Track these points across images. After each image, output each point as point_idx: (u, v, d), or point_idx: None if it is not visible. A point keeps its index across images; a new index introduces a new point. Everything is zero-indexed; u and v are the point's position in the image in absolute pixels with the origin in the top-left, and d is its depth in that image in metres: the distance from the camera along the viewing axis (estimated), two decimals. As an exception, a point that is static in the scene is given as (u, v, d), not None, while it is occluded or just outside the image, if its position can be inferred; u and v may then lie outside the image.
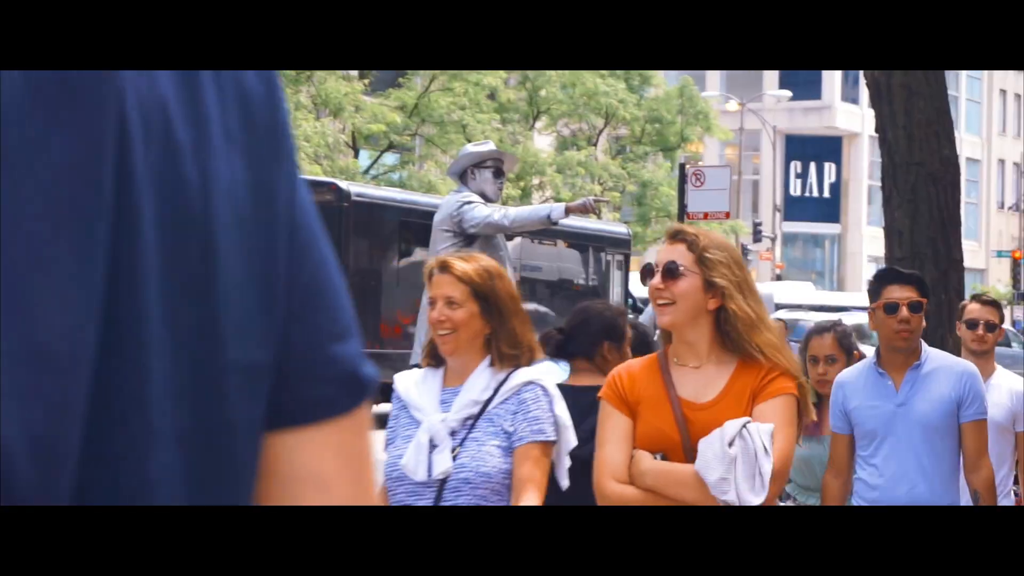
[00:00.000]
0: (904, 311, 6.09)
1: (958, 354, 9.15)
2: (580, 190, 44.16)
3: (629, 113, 46.46)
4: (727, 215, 23.61)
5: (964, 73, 77.18)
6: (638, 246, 45.25)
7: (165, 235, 1.04)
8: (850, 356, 6.84)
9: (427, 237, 10.12)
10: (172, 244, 1.05)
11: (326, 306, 1.24)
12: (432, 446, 4.44)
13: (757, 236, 54.52)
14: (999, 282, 73.15)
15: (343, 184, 22.52)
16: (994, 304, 7.26)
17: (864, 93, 10.71)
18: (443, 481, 4.41)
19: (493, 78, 40.69)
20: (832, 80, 70.28)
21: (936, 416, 5.87)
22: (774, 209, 62.69)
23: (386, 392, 18.24)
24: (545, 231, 22.12)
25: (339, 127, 37.98)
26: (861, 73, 10.21)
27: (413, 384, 4.67)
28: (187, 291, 1.06)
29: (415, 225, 21.35)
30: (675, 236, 4.45)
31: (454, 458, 4.42)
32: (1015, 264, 57.41)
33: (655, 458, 4.25)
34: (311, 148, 34.66)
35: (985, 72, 79.28)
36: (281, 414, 1.17)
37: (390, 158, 41.65)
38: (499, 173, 9.91)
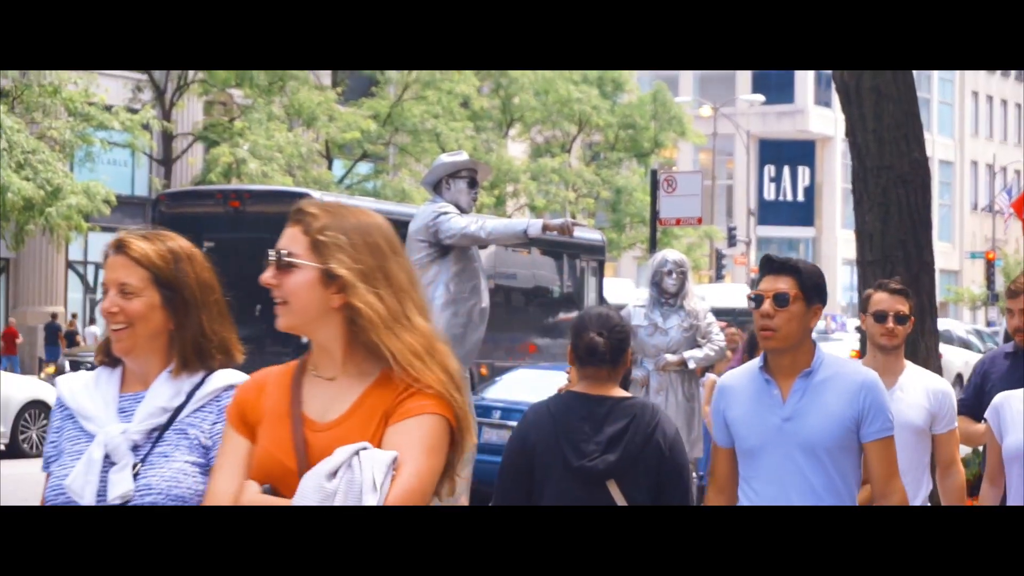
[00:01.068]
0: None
1: (932, 362, 9.19)
2: (554, 197, 44.19)
3: (602, 119, 46.54)
4: (699, 221, 23.62)
5: (936, 75, 77.48)
6: (613, 252, 45.28)
7: None
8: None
9: (401, 246, 10.10)
10: None
11: None
12: (108, 464, 3.57)
13: (732, 240, 54.60)
14: (973, 283, 73.46)
15: (317, 194, 22.49)
16: (903, 293, 6.32)
17: (837, 97, 10.75)
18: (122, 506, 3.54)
19: (466, 86, 40.70)
20: (805, 84, 70.49)
21: (829, 434, 4.89)
22: (748, 213, 62.83)
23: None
24: (519, 238, 22.09)
25: (312, 137, 37.93)
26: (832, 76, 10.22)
27: (82, 388, 3.75)
28: None
29: (389, 234, 21.31)
30: (294, 216, 3.59)
31: (135, 477, 3.56)
32: (989, 265, 57.66)
33: (261, 490, 3.34)
34: (284, 159, 34.61)
35: (957, 74, 79.60)
36: None
37: (364, 167, 41.62)
38: (473, 183, 9.93)
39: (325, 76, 40.76)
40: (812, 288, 4.96)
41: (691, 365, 10.76)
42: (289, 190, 25.80)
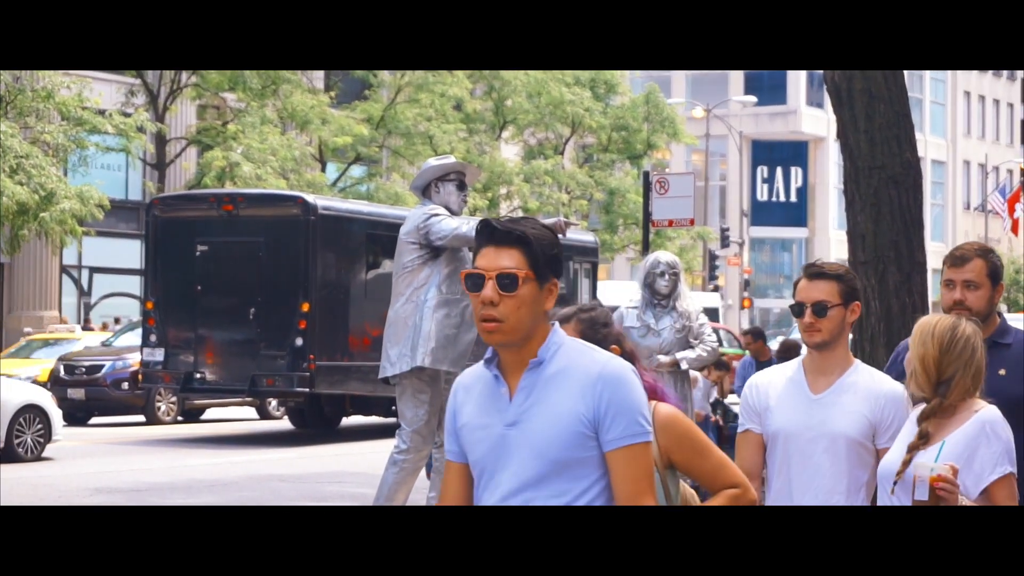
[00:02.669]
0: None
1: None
2: (548, 199, 44.21)
3: (595, 121, 46.57)
4: (692, 222, 23.66)
5: (928, 75, 77.54)
6: (606, 254, 45.30)
7: None
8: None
9: (394, 249, 10.15)
10: None
11: None
12: None
13: (725, 241, 54.63)
14: (966, 283, 73.45)
15: (310, 197, 22.52)
16: (829, 276, 5.27)
17: (829, 97, 10.82)
18: None
19: (459, 89, 40.74)
20: (797, 85, 70.54)
21: (555, 441, 3.76)
22: (741, 214, 62.86)
23: (359, 405, 18.16)
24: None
25: (306, 140, 37.95)
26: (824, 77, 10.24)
27: None
28: None
29: (382, 237, 21.37)
30: None
31: None
32: (982, 265, 57.50)
33: None
34: (278, 162, 34.63)
35: (949, 74, 79.65)
36: None
37: (357, 170, 41.64)
38: (462, 186, 9.98)
39: (318, 79, 40.78)
40: (544, 263, 3.81)
41: (684, 366, 10.79)
42: (282, 193, 25.83)
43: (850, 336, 7.67)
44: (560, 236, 9.91)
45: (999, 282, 5.83)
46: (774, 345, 20.65)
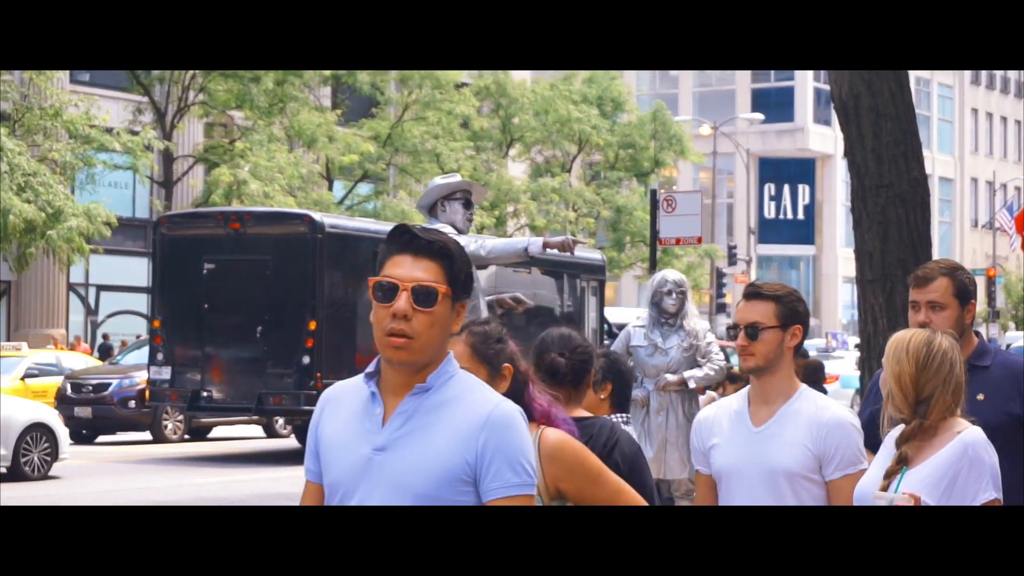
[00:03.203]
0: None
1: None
2: (555, 217, 44.22)
3: (602, 139, 46.60)
4: (699, 240, 23.64)
5: (935, 92, 77.56)
6: (613, 272, 45.28)
7: None
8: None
9: (400, 268, 10.13)
10: None
11: None
12: None
13: (732, 259, 54.59)
14: (974, 300, 73.35)
15: (317, 216, 22.55)
16: (768, 296, 4.89)
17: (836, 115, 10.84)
18: None
19: (466, 106, 40.79)
20: (804, 102, 70.57)
21: (425, 479, 3.38)
22: (748, 232, 62.85)
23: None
24: (520, 258, 22.13)
25: (313, 158, 37.99)
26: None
27: None
28: None
29: (389, 255, 21.35)
30: None
31: None
32: (990, 282, 57.60)
33: None
34: (285, 180, 34.65)
35: (956, 91, 79.67)
36: None
37: (364, 188, 41.68)
38: (468, 204, 9.97)
39: (325, 97, 40.83)
40: (462, 281, 3.51)
41: (691, 385, 10.76)
42: (289, 211, 25.85)
43: (859, 355, 7.56)
44: (568, 254, 9.92)
45: (969, 301, 5.44)
46: (834, 365, 20.12)
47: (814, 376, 14.59)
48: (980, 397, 5.17)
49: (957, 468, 4.47)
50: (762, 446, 4.82)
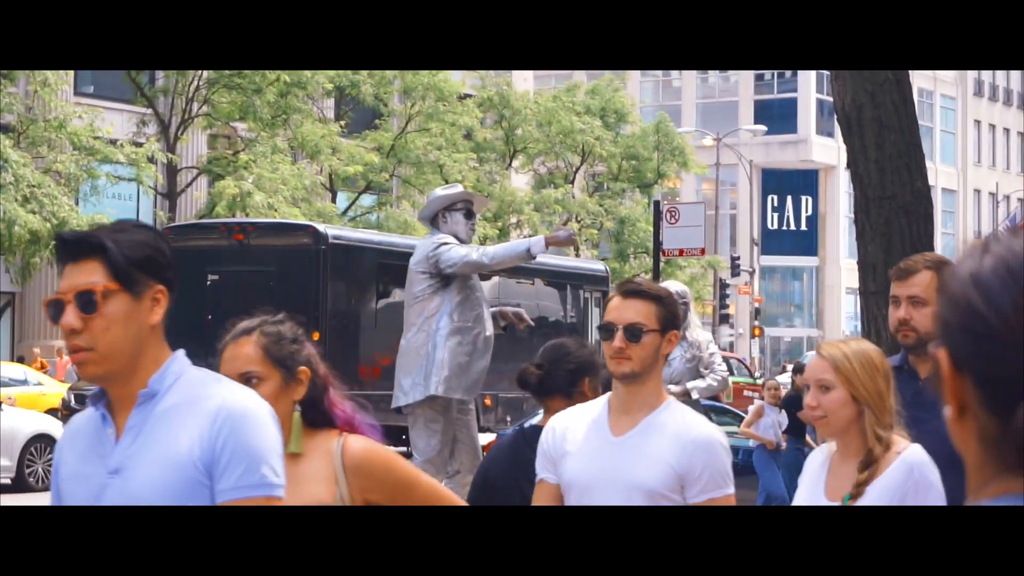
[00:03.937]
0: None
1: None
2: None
3: (605, 150, 46.64)
4: (702, 251, 23.69)
5: (938, 104, 77.61)
6: (616, 282, 45.30)
7: None
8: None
9: (405, 278, 10.18)
10: None
11: None
12: None
13: (735, 270, 54.61)
14: (977, 311, 73.36)
15: (320, 227, 22.59)
16: (650, 296, 4.38)
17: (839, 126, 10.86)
18: None
19: (469, 118, 40.85)
20: (807, 113, 70.61)
21: (162, 491, 3.08)
22: (752, 243, 62.86)
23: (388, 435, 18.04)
24: (523, 269, 22.18)
25: (316, 169, 38.04)
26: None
27: None
28: None
29: (393, 266, 21.41)
30: None
31: None
32: (993, 293, 57.47)
33: None
34: (288, 191, 34.69)
35: (959, 103, 79.72)
36: None
37: (367, 199, 41.72)
38: (470, 214, 10.01)
39: (328, 109, 40.88)
40: (135, 267, 3.27)
41: (694, 396, 10.78)
42: (293, 223, 25.88)
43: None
44: (572, 247, 9.94)
45: None
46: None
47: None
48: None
49: (903, 491, 4.20)
50: (621, 459, 4.30)
